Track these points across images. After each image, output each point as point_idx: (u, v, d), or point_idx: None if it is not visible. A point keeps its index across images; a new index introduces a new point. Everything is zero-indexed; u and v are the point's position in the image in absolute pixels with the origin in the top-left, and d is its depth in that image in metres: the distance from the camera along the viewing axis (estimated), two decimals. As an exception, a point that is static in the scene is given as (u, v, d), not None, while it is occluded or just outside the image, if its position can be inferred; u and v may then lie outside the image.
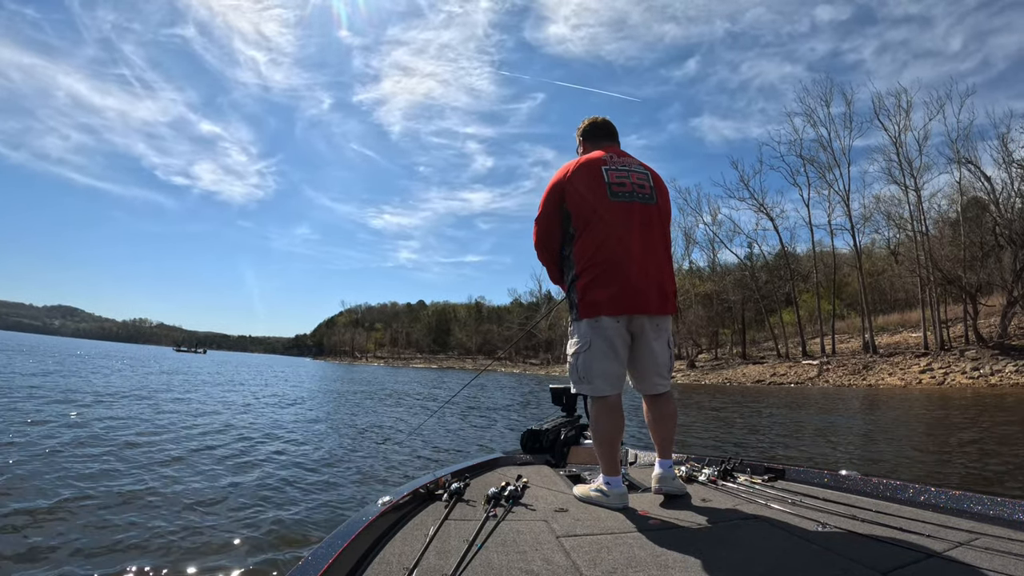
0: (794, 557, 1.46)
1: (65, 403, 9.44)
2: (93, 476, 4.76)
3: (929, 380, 23.29)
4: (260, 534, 3.58)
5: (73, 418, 7.86)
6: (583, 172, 2.20)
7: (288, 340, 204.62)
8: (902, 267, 37.30)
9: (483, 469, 2.61)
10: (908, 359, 27.29)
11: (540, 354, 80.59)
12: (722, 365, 39.56)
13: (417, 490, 2.02)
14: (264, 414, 10.73)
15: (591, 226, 2.14)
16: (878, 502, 2.00)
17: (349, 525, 1.56)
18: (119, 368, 23.29)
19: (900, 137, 31.81)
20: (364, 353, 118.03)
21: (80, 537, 3.32)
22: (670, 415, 2.27)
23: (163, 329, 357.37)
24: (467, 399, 16.81)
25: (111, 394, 11.74)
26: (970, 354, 24.94)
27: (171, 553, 3.18)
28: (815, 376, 28.82)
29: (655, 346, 2.18)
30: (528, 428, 3.26)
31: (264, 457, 6.19)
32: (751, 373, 33.61)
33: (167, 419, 8.78)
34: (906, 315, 38.08)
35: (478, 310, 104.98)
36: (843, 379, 27.09)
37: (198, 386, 16.87)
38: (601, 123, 2.49)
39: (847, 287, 42.38)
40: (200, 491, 4.55)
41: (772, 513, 1.91)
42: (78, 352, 40.14)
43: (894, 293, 41.26)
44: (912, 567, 1.35)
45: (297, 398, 15.19)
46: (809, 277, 41.38)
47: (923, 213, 31.10)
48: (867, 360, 28.88)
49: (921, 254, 30.42)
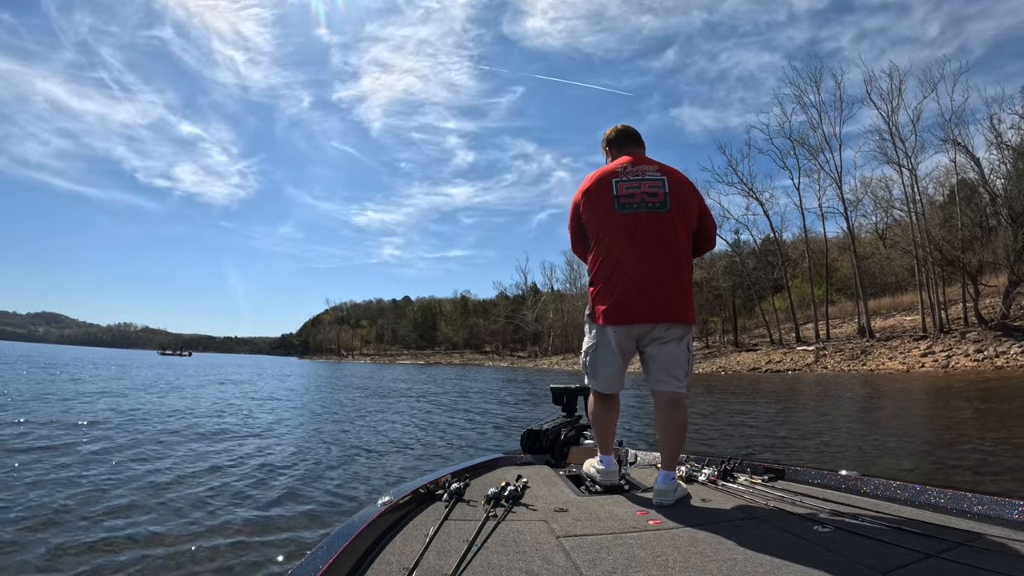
0: (794, 557, 1.44)
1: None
2: (72, 482, 4.74)
3: (932, 364, 22.37)
4: (259, 534, 3.62)
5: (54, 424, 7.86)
6: (593, 189, 2.33)
7: (274, 340, 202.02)
8: (893, 249, 36.60)
9: (483, 469, 2.60)
10: (907, 343, 26.47)
11: (528, 347, 79.80)
12: (714, 353, 38.71)
13: (417, 490, 2.01)
14: (252, 415, 10.63)
15: (599, 240, 2.30)
16: (878, 502, 1.99)
17: (349, 525, 1.56)
18: (103, 375, 21.84)
19: (893, 116, 30.94)
20: (350, 351, 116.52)
21: (66, 540, 3.34)
22: (676, 426, 2.21)
23: (148, 333, 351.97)
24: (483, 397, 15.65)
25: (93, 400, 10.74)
26: (972, 336, 24.10)
27: (171, 553, 3.22)
28: (812, 362, 27.90)
29: (655, 351, 2.24)
30: (528, 428, 3.21)
31: (263, 457, 6.19)
32: (745, 361, 32.75)
33: (159, 420, 8.81)
34: (898, 298, 37.49)
35: (464, 304, 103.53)
36: (842, 364, 26.19)
37: (180, 389, 16.68)
38: (624, 130, 2.53)
39: (836, 272, 41.62)
40: (197, 493, 4.56)
41: (772, 513, 1.88)
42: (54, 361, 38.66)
43: (883, 277, 40.53)
44: (912, 567, 1.35)
45: (279, 398, 14.88)
46: (799, 262, 40.59)
47: (919, 192, 30.28)
48: (864, 344, 28.04)
49: (917, 235, 29.60)
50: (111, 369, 26.99)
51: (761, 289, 42.13)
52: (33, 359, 35.52)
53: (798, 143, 36.06)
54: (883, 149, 31.40)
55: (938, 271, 28.53)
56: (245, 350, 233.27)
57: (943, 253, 27.66)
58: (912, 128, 30.51)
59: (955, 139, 28.52)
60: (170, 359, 64.17)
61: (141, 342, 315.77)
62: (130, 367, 30.06)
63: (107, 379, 19.36)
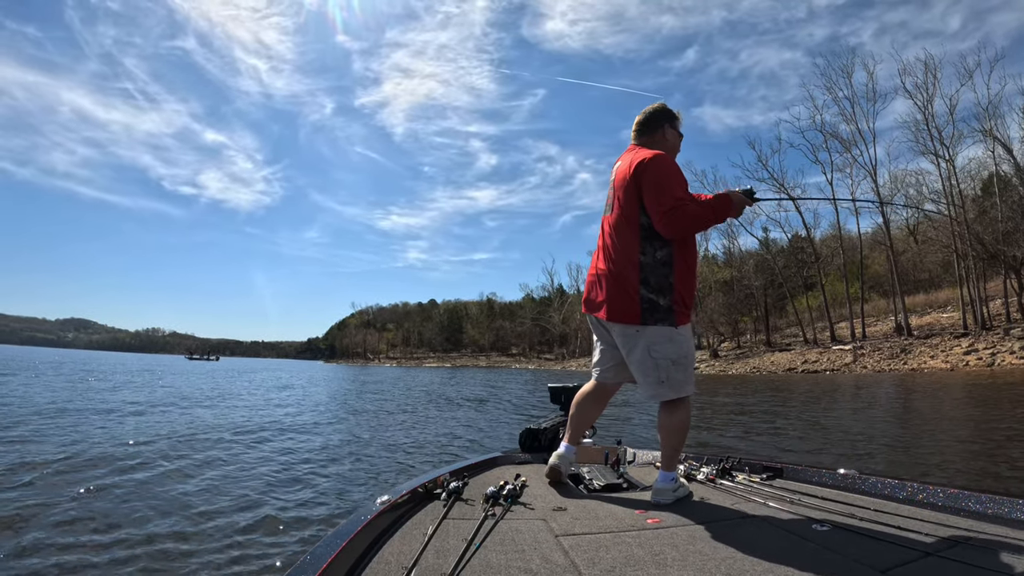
0: (792, 556, 1.44)
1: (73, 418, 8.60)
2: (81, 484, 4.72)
3: (976, 362, 21.97)
4: (259, 534, 3.62)
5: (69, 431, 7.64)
6: None
7: (300, 344, 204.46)
8: (926, 245, 35.77)
9: (482, 468, 2.59)
10: (947, 340, 25.94)
11: (555, 348, 79.67)
12: (746, 353, 38.33)
13: (416, 489, 2.01)
14: (260, 415, 10.75)
15: None
16: (876, 500, 1.99)
17: (348, 524, 1.55)
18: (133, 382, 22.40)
19: (928, 106, 30.25)
20: (376, 354, 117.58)
21: (58, 540, 3.37)
22: (673, 427, 2.19)
23: (176, 338, 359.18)
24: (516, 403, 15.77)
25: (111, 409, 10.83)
26: (1016, 332, 23.55)
27: (170, 553, 3.22)
28: (851, 362, 27.47)
29: (625, 352, 2.22)
30: (527, 427, 3.23)
31: (262, 458, 6.22)
32: (780, 361, 32.37)
33: (164, 423, 8.63)
34: (932, 295, 36.69)
35: (490, 307, 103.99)
36: (881, 364, 25.75)
37: (207, 392, 16.63)
38: (635, 123, 2.40)
39: (867, 269, 40.85)
40: (197, 492, 4.59)
41: (770, 512, 1.89)
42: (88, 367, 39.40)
43: (916, 273, 39.61)
44: (911, 565, 1.35)
45: (296, 398, 14.78)
46: (832, 259, 39.93)
47: (958, 184, 29.56)
48: (903, 343, 27.52)
49: (957, 227, 28.93)
50: (149, 375, 27.25)
51: (792, 287, 41.55)
52: (71, 365, 35.12)
53: (831, 136, 35.51)
54: (919, 139, 30.77)
55: (979, 265, 27.91)
56: (272, 354, 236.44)
57: (985, 246, 27.04)
58: (948, 117, 29.85)
59: (992, 130, 27.92)
60: (197, 363, 65.04)
61: (169, 347, 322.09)
62: (164, 373, 29.71)
63: (158, 388, 19.61)
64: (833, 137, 35.40)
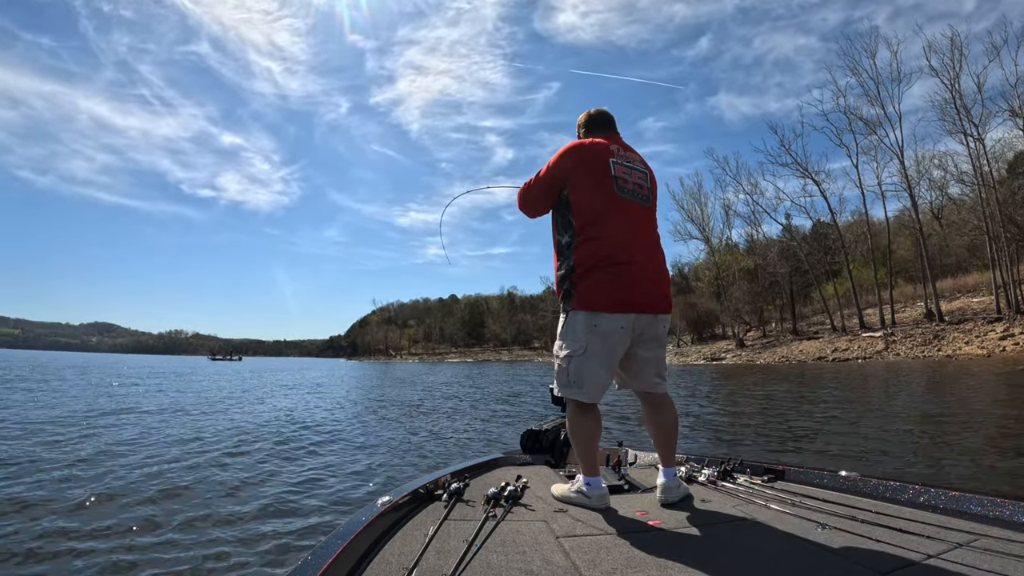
0: (793, 558, 1.45)
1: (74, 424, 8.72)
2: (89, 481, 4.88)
3: (1013, 347, 21.75)
4: (259, 534, 3.62)
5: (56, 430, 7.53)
6: (592, 161, 2.14)
7: (323, 342, 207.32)
8: (952, 228, 35.12)
9: (483, 469, 2.60)
10: (980, 325, 25.66)
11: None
12: (773, 343, 38.11)
13: (417, 490, 2.02)
14: (265, 415, 10.74)
15: (597, 220, 2.09)
16: (877, 503, 1.98)
17: (349, 525, 1.56)
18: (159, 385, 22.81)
19: (955, 84, 29.63)
20: (399, 351, 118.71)
21: (51, 538, 3.42)
22: (671, 424, 2.20)
23: (199, 339, 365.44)
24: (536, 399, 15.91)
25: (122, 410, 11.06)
26: (1053, 316, 23.25)
27: (169, 553, 3.23)
28: (882, 349, 27.24)
29: (648, 352, 2.15)
30: (528, 428, 3.25)
31: (262, 457, 6.27)
32: (809, 350, 32.14)
33: (171, 424, 8.77)
34: (960, 280, 36.11)
35: (511, 301, 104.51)
36: (914, 351, 25.50)
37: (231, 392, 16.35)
38: (598, 114, 2.38)
39: (893, 254, 40.23)
40: (197, 492, 4.64)
41: (771, 514, 1.90)
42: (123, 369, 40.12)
43: (942, 258, 38.78)
44: (911, 568, 1.35)
45: (317, 397, 14.54)
46: (857, 245, 39.40)
47: (989, 163, 28.99)
48: (936, 329, 27.23)
49: (988, 208, 28.41)
50: (175, 378, 27.41)
51: (817, 274, 41.08)
52: (98, 368, 33.96)
53: (855, 117, 35.01)
54: (946, 118, 30.18)
55: (1012, 247, 27.46)
56: (295, 353, 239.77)
57: (1019, 226, 26.56)
58: (976, 95, 29.26)
59: (1020, 108, 27.30)
60: (221, 364, 65.86)
61: (192, 348, 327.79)
62: (189, 376, 29.20)
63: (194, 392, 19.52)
64: (857, 118, 34.94)
